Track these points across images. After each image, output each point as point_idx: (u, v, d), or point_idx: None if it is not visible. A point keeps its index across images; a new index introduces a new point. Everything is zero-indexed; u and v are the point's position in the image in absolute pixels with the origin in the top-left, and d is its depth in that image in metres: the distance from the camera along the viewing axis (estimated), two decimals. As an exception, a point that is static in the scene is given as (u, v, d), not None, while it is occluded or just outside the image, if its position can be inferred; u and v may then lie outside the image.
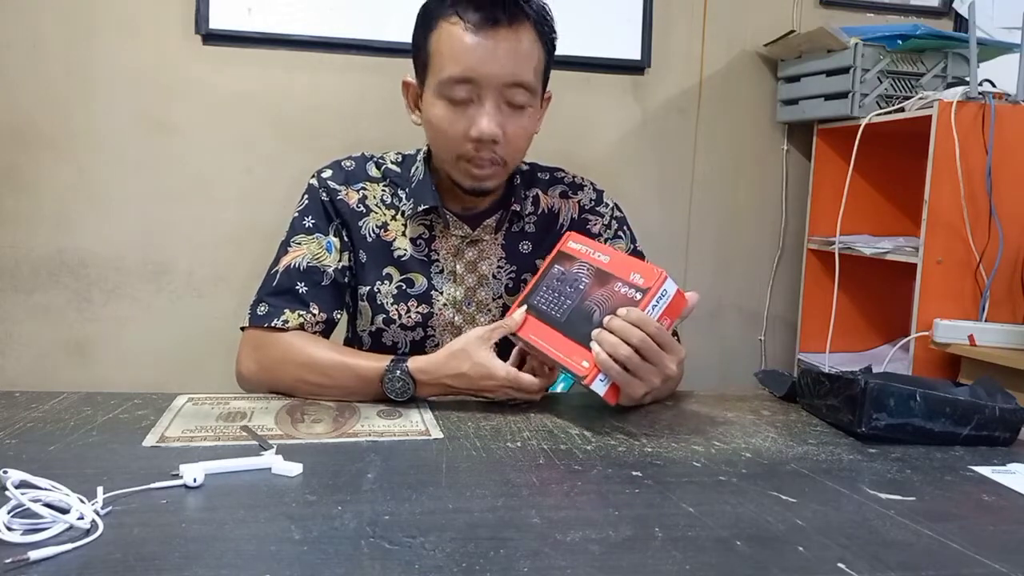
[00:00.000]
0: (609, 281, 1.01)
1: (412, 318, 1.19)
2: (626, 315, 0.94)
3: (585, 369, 0.96)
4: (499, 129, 1.08)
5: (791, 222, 2.37)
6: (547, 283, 1.08)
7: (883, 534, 0.69)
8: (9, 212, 2.00)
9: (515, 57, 1.07)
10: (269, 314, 1.13)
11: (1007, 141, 1.77)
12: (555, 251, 1.11)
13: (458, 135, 1.09)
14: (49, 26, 1.97)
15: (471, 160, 1.10)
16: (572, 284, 1.04)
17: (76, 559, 0.59)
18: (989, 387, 1.01)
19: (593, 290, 1.02)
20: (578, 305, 1.02)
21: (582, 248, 1.08)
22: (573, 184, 1.28)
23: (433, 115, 1.10)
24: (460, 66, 1.06)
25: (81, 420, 0.93)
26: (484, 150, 1.09)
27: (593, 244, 1.08)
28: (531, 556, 0.62)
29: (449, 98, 1.08)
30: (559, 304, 1.04)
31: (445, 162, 1.14)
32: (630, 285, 0.99)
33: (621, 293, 0.99)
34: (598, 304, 1.00)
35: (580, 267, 1.06)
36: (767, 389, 1.19)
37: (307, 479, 0.77)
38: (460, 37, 1.06)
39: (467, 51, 1.06)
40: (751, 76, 2.33)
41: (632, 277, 0.99)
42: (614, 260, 1.04)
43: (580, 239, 1.10)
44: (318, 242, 1.17)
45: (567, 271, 1.06)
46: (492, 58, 1.06)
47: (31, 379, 2.01)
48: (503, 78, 1.07)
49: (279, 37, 2.05)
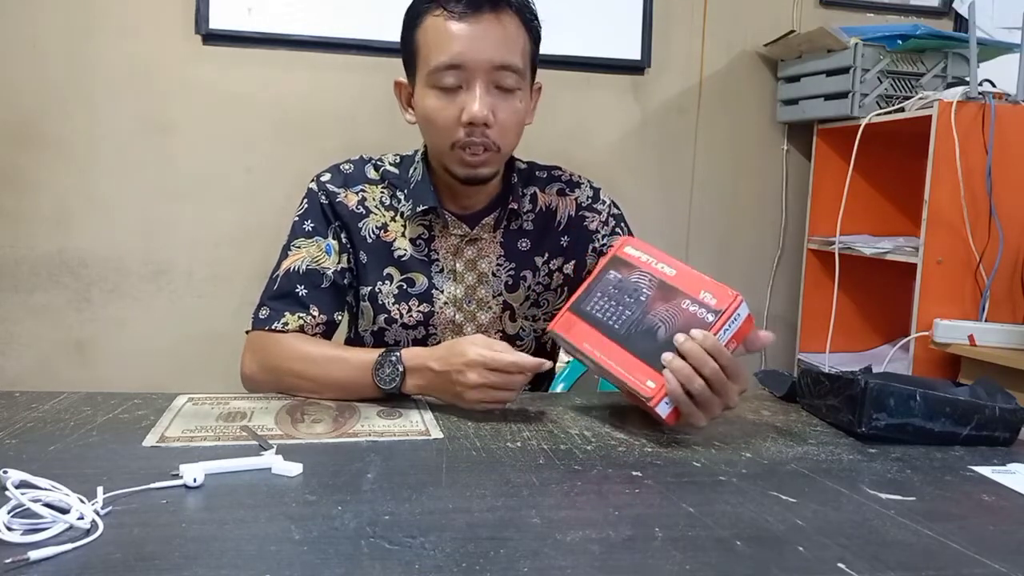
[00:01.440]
0: (675, 296, 0.95)
1: (414, 317, 1.19)
2: (702, 340, 0.90)
3: (651, 390, 0.91)
4: (489, 112, 1.08)
5: (791, 222, 2.37)
6: (601, 289, 1.01)
7: (883, 534, 0.69)
8: (9, 212, 2.00)
9: (500, 41, 1.09)
10: (270, 317, 1.14)
11: (1007, 141, 1.78)
12: (609, 255, 1.04)
13: (450, 122, 1.09)
14: (49, 26, 1.97)
15: (465, 147, 1.10)
16: (631, 294, 0.98)
17: (76, 559, 0.59)
18: (989, 387, 1.01)
19: (656, 304, 0.96)
20: (639, 318, 0.96)
21: (642, 256, 1.01)
22: (570, 182, 1.28)
23: (426, 106, 1.11)
24: (447, 53, 1.07)
25: (81, 420, 0.93)
26: (476, 134, 1.09)
27: (655, 252, 1.01)
28: (531, 556, 0.62)
29: (439, 86, 1.09)
30: (617, 314, 0.98)
31: (440, 153, 1.14)
32: (700, 304, 0.93)
33: (690, 312, 0.93)
34: (664, 321, 0.94)
35: (640, 276, 0.99)
36: (767, 389, 1.19)
37: (307, 479, 0.77)
38: (445, 26, 1.08)
39: (452, 38, 1.07)
40: (751, 76, 2.33)
41: (703, 296, 0.94)
42: (681, 274, 0.97)
43: (639, 245, 1.03)
44: (317, 245, 1.17)
45: (625, 279, 1.00)
46: (478, 42, 1.07)
47: (31, 379, 2.02)
48: (490, 61, 1.08)
49: (279, 37, 2.05)
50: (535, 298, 1.23)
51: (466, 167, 1.12)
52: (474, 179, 1.14)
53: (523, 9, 1.12)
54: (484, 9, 1.07)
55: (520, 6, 1.12)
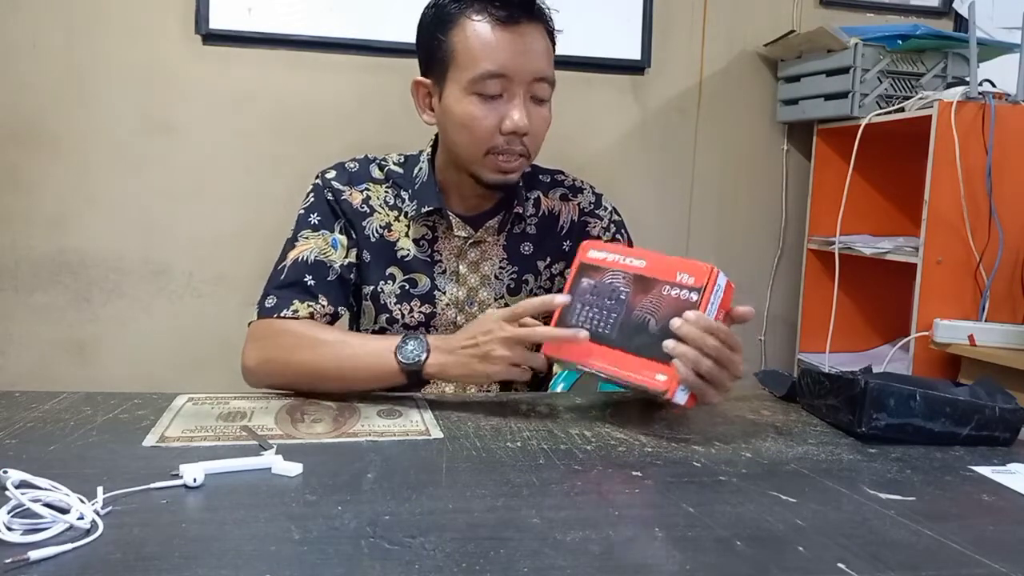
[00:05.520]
0: (654, 286, 0.96)
1: (415, 318, 1.19)
2: (696, 321, 0.91)
3: (663, 383, 0.92)
4: (529, 122, 1.10)
5: (791, 222, 2.37)
6: (579, 299, 1.00)
7: (883, 534, 0.69)
8: (9, 212, 2.00)
9: (541, 52, 1.11)
10: (278, 305, 1.12)
11: (1007, 141, 1.78)
12: (576, 264, 1.04)
13: (490, 129, 1.10)
14: (49, 26, 1.97)
15: (501, 153, 1.11)
16: (611, 296, 0.98)
17: (76, 559, 0.59)
18: (989, 387, 1.01)
19: (638, 298, 0.96)
20: (626, 317, 0.96)
21: (607, 256, 1.01)
22: (573, 187, 1.29)
23: (462, 111, 1.10)
24: (493, 62, 1.07)
25: (81, 420, 0.93)
26: (515, 143, 1.11)
27: (618, 249, 1.02)
28: (531, 556, 0.62)
29: (481, 94, 1.09)
30: (602, 319, 0.98)
31: (471, 158, 1.13)
32: (680, 287, 0.94)
33: (673, 296, 0.94)
34: (651, 312, 0.95)
35: (613, 276, 0.99)
36: (767, 389, 1.19)
37: (307, 479, 0.77)
38: (489, 33, 1.08)
39: (499, 47, 1.08)
40: (751, 76, 2.33)
41: (680, 278, 0.94)
42: (651, 263, 0.98)
43: (600, 246, 1.04)
44: (324, 238, 1.17)
45: (599, 282, 1.00)
46: (522, 53, 1.08)
47: (31, 379, 2.02)
48: (533, 73, 1.09)
49: (279, 37, 2.05)
50: None
51: (499, 173, 1.13)
52: (503, 185, 1.15)
53: (548, 18, 1.14)
54: (523, 18, 1.08)
55: (545, 15, 1.13)
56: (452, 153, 1.16)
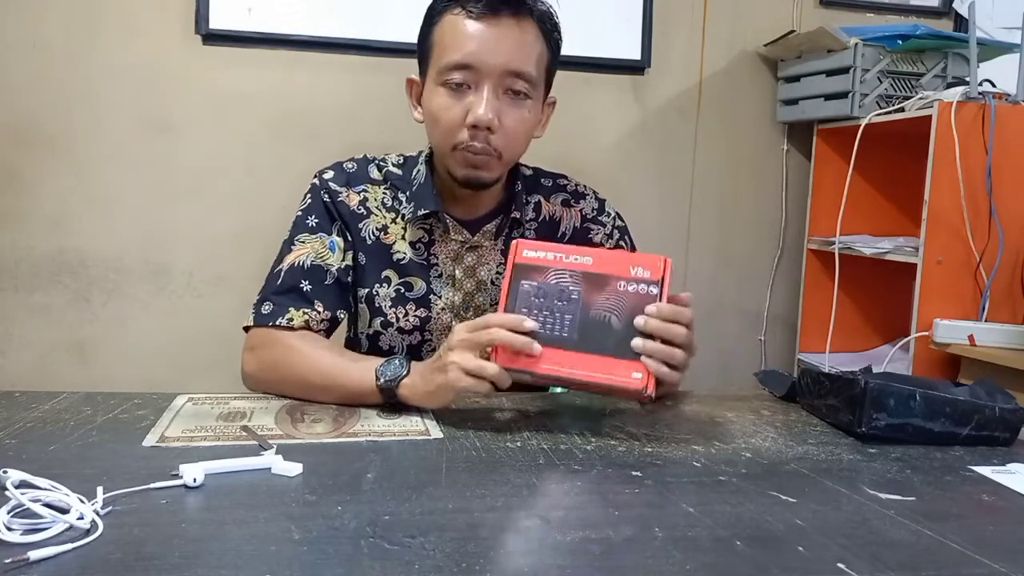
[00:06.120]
0: (608, 282, 0.93)
1: (410, 321, 1.19)
2: (658, 312, 0.90)
3: (640, 381, 0.89)
4: (494, 116, 1.07)
5: (791, 222, 2.37)
6: (523, 303, 0.94)
7: (883, 534, 0.69)
8: (9, 212, 2.00)
9: (516, 46, 1.08)
10: (273, 313, 1.13)
11: (1007, 141, 1.77)
12: (510, 266, 0.97)
13: (454, 122, 1.08)
14: (49, 26, 1.97)
15: (467, 148, 1.09)
16: (560, 297, 0.94)
17: (76, 559, 0.59)
18: (989, 387, 1.01)
19: (593, 296, 0.93)
20: (583, 317, 0.92)
21: (546, 255, 0.96)
22: (576, 192, 1.28)
23: (433, 104, 1.10)
24: (459, 52, 1.07)
25: (81, 420, 0.93)
26: (479, 138, 1.08)
27: (554, 247, 0.97)
28: (531, 556, 0.62)
29: (447, 84, 1.08)
30: (555, 321, 0.93)
31: (443, 153, 1.13)
32: (637, 281, 0.93)
33: (631, 291, 0.92)
34: (610, 310, 0.92)
35: (559, 275, 0.95)
36: (767, 389, 1.19)
37: (307, 479, 0.77)
38: (461, 25, 1.07)
39: (467, 37, 1.07)
40: (751, 76, 2.33)
41: (635, 271, 0.93)
42: (599, 259, 0.95)
43: (534, 245, 0.97)
44: (321, 241, 1.17)
45: (543, 283, 0.95)
46: (491, 44, 1.06)
47: (31, 379, 2.02)
48: (502, 65, 1.07)
49: (279, 37, 2.05)
50: None
51: (466, 167, 1.11)
52: (474, 181, 1.12)
53: (544, 18, 1.11)
54: (503, 12, 1.06)
55: (542, 15, 1.11)
56: (433, 150, 1.16)
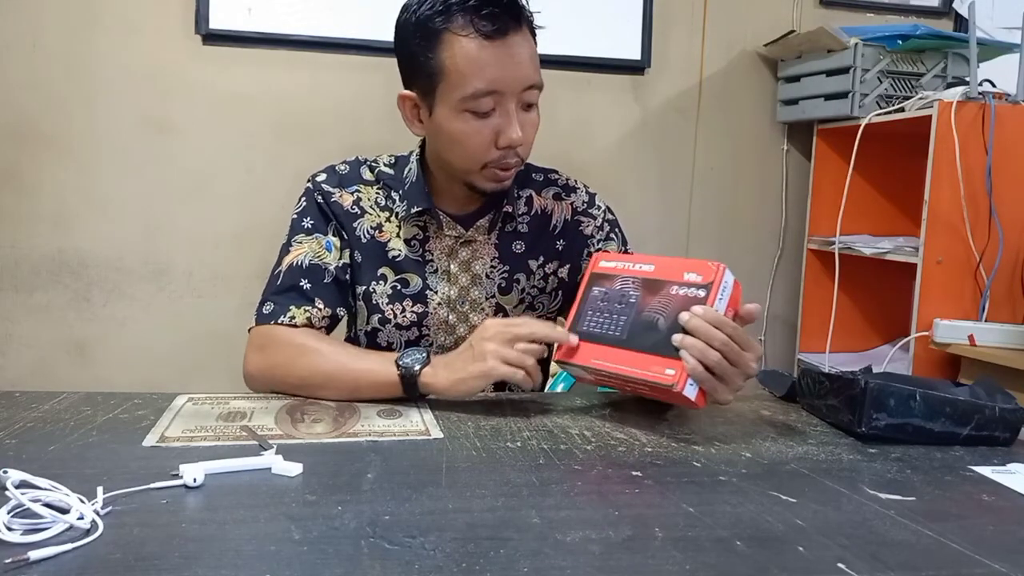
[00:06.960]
0: (662, 287, 0.97)
1: (407, 317, 1.19)
2: (703, 314, 0.91)
3: (671, 377, 0.91)
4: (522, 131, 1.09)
5: (791, 222, 2.37)
6: (590, 307, 1.02)
7: (883, 534, 0.69)
8: (9, 212, 2.00)
9: (528, 60, 1.09)
10: (275, 312, 1.14)
11: (1007, 141, 1.78)
12: (587, 274, 1.06)
13: (484, 145, 1.09)
14: (49, 26, 1.97)
15: (499, 166, 1.11)
16: (620, 301, 1.00)
17: (76, 559, 0.59)
18: (989, 387, 1.01)
19: (647, 300, 0.97)
20: (636, 318, 0.97)
21: (618, 264, 1.04)
22: (566, 186, 1.28)
23: (456, 129, 1.09)
24: (483, 80, 1.06)
25: (81, 420, 0.93)
26: (510, 155, 1.11)
27: (629, 257, 1.04)
28: (531, 556, 0.62)
29: (475, 111, 1.08)
30: (613, 322, 0.99)
31: (466, 172, 1.13)
32: (688, 285, 0.95)
33: (681, 295, 0.95)
34: (659, 312, 0.95)
35: (623, 282, 1.01)
36: (767, 389, 1.19)
37: (307, 479, 0.77)
38: (478, 50, 1.05)
39: (486, 64, 1.06)
40: (751, 76, 2.33)
41: (687, 276, 0.95)
42: (660, 266, 0.99)
43: (612, 256, 1.06)
44: (318, 241, 1.17)
45: (609, 290, 1.02)
46: (512, 67, 1.07)
47: (31, 379, 2.02)
48: (523, 83, 1.08)
49: (279, 37, 2.05)
50: (530, 301, 1.24)
51: (496, 183, 1.13)
52: (500, 191, 1.16)
53: (531, 19, 1.12)
54: (510, 28, 1.06)
55: (529, 18, 1.11)
56: (445, 162, 1.16)
